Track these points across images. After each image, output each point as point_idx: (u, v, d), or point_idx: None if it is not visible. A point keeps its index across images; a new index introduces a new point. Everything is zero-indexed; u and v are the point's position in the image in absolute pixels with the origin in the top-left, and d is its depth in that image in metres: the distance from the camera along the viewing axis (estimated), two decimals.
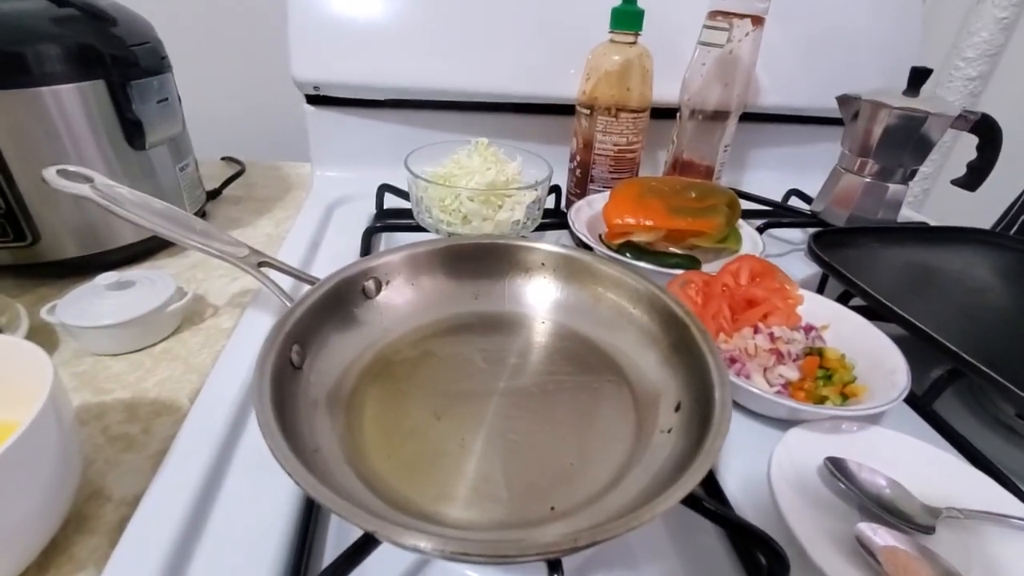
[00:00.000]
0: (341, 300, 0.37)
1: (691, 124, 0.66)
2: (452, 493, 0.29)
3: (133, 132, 0.54)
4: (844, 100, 0.63)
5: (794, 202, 0.76)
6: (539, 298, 0.41)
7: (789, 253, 0.68)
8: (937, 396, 0.44)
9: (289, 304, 0.34)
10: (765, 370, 0.42)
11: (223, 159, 0.88)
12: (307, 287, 0.35)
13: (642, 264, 0.53)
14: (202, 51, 0.94)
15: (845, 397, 0.41)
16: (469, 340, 0.39)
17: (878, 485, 0.34)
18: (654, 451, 0.31)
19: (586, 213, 0.61)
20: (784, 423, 0.39)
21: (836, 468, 0.35)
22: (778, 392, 0.40)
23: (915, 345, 0.43)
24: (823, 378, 0.42)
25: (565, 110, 0.70)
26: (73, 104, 0.50)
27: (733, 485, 0.36)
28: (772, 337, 0.44)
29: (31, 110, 0.48)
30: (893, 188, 0.63)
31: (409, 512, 0.27)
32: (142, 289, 0.48)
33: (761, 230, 0.64)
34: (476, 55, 0.70)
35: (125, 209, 0.35)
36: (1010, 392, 0.38)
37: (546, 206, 0.67)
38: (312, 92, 0.70)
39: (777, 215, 0.71)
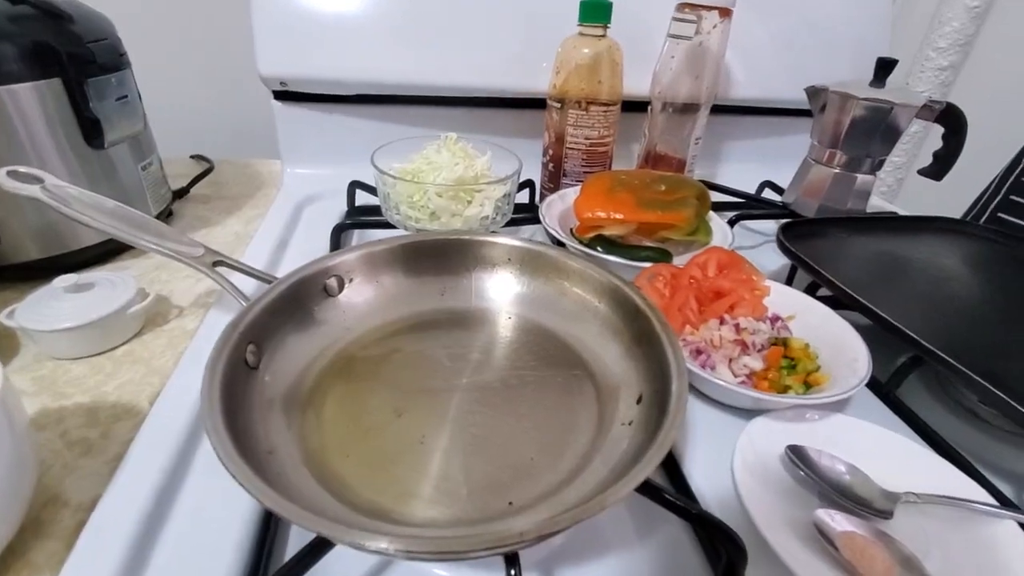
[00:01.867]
0: (300, 299, 0.36)
1: (662, 117, 0.66)
2: (411, 491, 0.29)
3: (91, 131, 0.53)
4: (812, 92, 0.63)
5: (768, 194, 0.76)
6: (504, 293, 0.41)
7: (762, 245, 0.68)
8: (900, 383, 0.44)
9: (245, 304, 0.33)
10: (731, 361, 0.42)
11: (192, 157, 0.87)
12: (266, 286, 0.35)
13: (612, 258, 0.53)
14: (168, 48, 0.92)
15: (809, 386, 0.41)
16: (433, 337, 0.39)
17: (837, 471, 0.35)
18: (614, 443, 0.31)
19: (558, 207, 0.61)
20: (750, 413, 0.40)
21: (796, 456, 0.35)
22: (742, 382, 0.41)
23: (880, 334, 0.44)
24: (787, 368, 0.42)
25: (538, 104, 0.69)
26: (29, 103, 0.49)
27: (698, 476, 0.36)
28: (737, 328, 0.44)
29: None
30: (861, 178, 0.63)
31: (367, 511, 0.26)
32: (102, 291, 0.47)
33: (732, 222, 0.64)
34: (446, 49, 0.69)
35: (75, 210, 0.35)
36: (969, 378, 0.38)
37: (519, 201, 0.67)
38: (279, 88, 0.69)
39: (749, 207, 0.71)
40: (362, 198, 0.67)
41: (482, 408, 0.34)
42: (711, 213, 0.60)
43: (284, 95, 0.71)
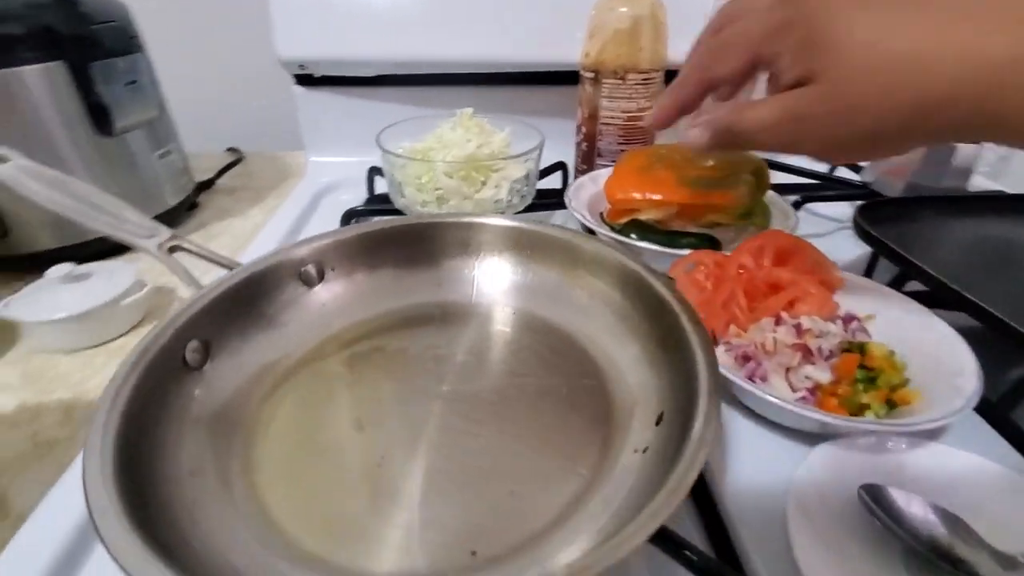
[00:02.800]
0: (266, 289, 0.32)
1: None
2: (348, 531, 0.23)
3: (99, 116, 0.51)
4: None
5: (843, 173, 0.65)
6: (504, 283, 0.35)
7: (833, 232, 0.58)
8: (1017, 403, 0.34)
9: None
10: (788, 371, 0.34)
11: (228, 150, 0.86)
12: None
13: (646, 245, 0.45)
14: (199, 42, 0.92)
15: (893, 405, 0.32)
16: (421, 335, 0.33)
17: (931, 523, 0.26)
18: (621, 477, 0.24)
19: (588, 191, 0.54)
20: (813, 438, 0.31)
21: (875, 500, 0.27)
22: (803, 398, 0.32)
23: (990, 340, 0.34)
24: (864, 381, 0.33)
25: (573, 79, 0.62)
26: (34, 87, 0.48)
27: (740, 521, 0.28)
28: (799, 329, 0.35)
29: None
30: (962, 151, 0.51)
31: (289, 553, 0.21)
32: (98, 281, 0.45)
33: (797, 205, 0.54)
34: (469, 21, 0.64)
35: (33, 191, 0.32)
36: None
37: (551, 186, 0.61)
38: (299, 71, 0.66)
39: (819, 188, 0.61)
40: (382, 185, 0.63)
41: (463, 423, 0.28)
42: (770, 193, 0.50)
43: (305, 80, 0.68)
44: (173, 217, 0.62)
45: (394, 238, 0.34)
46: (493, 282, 0.35)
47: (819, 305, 0.37)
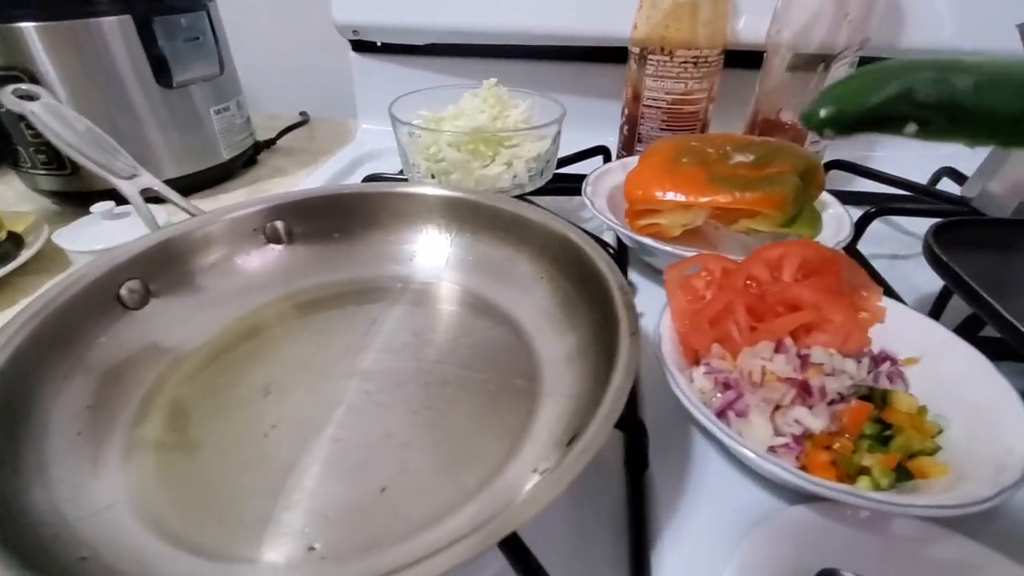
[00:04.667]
0: (219, 241, 0.31)
1: (780, 68, 0.49)
2: (214, 506, 0.22)
3: (159, 68, 0.55)
4: None
5: (946, 186, 0.54)
6: (442, 257, 0.32)
7: (915, 256, 0.48)
8: None
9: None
10: (776, 408, 0.28)
11: (300, 113, 0.90)
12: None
13: (657, 244, 0.40)
14: (283, 10, 0.96)
15: (907, 476, 0.26)
16: (351, 309, 0.32)
17: None
18: (505, 493, 0.21)
19: (613, 180, 0.49)
20: (800, 496, 0.26)
21: None
22: (785, 447, 0.26)
23: None
24: (873, 438, 0.26)
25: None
26: (106, 36, 0.52)
27: None
28: (805, 361, 0.29)
29: (67, 41, 0.51)
30: None
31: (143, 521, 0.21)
32: (136, 220, 0.49)
33: (870, 217, 0.46)
34: None
35: (53, 128, 0.34)
36: None
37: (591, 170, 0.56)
38: (353, 37, 0.66)
39: (905, 199, 0.51)
40: None
41: (370, 405, 0.26)
42: (827, 197, 0.43)
43: (361, 46, 0.69)
44: (227, 170, 0.66)
45: (330, 207, 0.33)
46: (433, 256, 0.32)
47: (843, 336, 0.30)
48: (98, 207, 0.49)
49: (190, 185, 0.62)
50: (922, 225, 0.50)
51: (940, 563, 0.23)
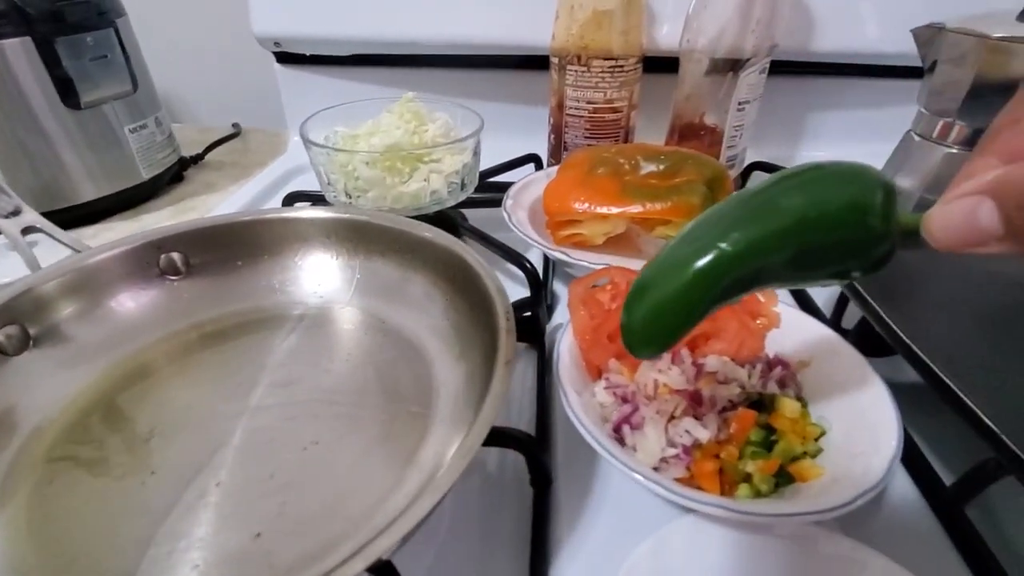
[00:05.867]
0: (108, 278, 0.30)
1: (694, 73, 0.50)
2: (69, 557, 0.21)
3: (65, 89, 0.53)
4: (924, 34, 0.43)
5: None
6: (336, 280, 0.32)
7: None
8: (973, 494, 0.27)
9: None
10: (671, 419, 0.28)
11: (233, 125, 0.88)
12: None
13: (578, 260, 0.40)
14: (207, 20, 0.94)
15: (789, 479, 0.27)
16: (244, 341, 0.31)
17: None
18: (379, 529, 0.21)
19: (538, 191, 0.49)
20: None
21: None
22: (676, 458, 0.27)
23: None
24: (759, 444, 0.27)
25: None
26: (6, 59, 0.50)
27: None
28: (699, 370, 0.30)
29: None
30: None
31: None
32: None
33: None
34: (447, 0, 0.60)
35: None
36: None
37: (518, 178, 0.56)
38: (275, 48, 0.65)
39: None
40: None
41: (256, 446, 0.25)
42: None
43: (286, 57, 0.67)
44: (149, 189, 0.64)
45: (225, 235, 0.32)
46: (335, 279, 0.32)
47: (736, 343, 0.31)
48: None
49: (109, 207, 0.60)
50: None
51: (822, 562, 0.24)
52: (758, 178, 0.59)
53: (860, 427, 0.28)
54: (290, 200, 0.52)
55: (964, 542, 0.27)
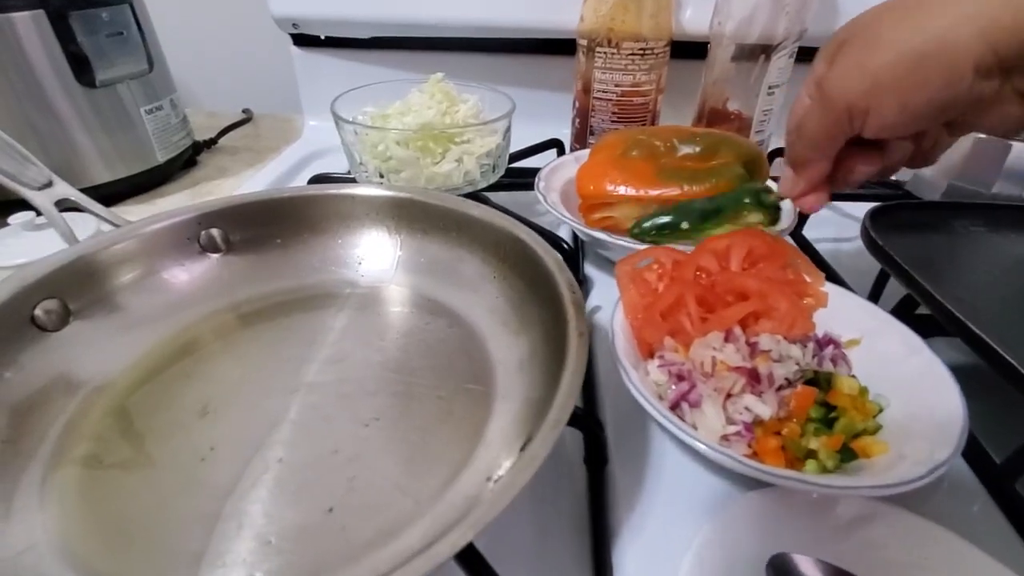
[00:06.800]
0: (151, 253, 0.29)
1: (723, 59, 0.50)
2: (139, 541, 0.20)
3: (79, 66, 0.51)
4: None
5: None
6: (389, 259, 0.31)
7: (856, 239, 0.50)
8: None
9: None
10: (728, 397, 0.28)
11: (243, 111, 0.87)
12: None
13: (617, 240, 0.40)
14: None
15: (852, 456, 0.26)
16: (296, 318, 0.30)
17: None
18: (457, 506, 0.20)
19: (567, 174, 0.48)
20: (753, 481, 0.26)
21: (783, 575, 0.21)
22: (737, 435, 0.27)
23: (1005, 387, 0.27)
24: (819, 422, 0.27)
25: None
26: (14, 34, 0.48)
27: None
28: (753, 349, 0.30)
29: None
30: (1019, 149, 0.42)
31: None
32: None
33: None
34: None
35: None
36: None
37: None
38: (292, 30, 0.63)
39: None
40: None
41: (314, 422, 0.25)
42: (771, 185, 0.43)
43: (303, 40, 0.66)
44: (163, 173, 0.62)
45: (269, 212, 0.31)
46: (382, 259, 0.31)
47: (788, 322, 0.31)
48: (16, 218, 0.45)
49: (124, 190, 0.59)
50: (862, 209, 0.53)
51: (887, 538, 0.24)
52: (780, 165, 0.59)
53: (918, 403, 0.28)
54: (316, 181, 0.51)
55: (1018, 516, 0.27)
